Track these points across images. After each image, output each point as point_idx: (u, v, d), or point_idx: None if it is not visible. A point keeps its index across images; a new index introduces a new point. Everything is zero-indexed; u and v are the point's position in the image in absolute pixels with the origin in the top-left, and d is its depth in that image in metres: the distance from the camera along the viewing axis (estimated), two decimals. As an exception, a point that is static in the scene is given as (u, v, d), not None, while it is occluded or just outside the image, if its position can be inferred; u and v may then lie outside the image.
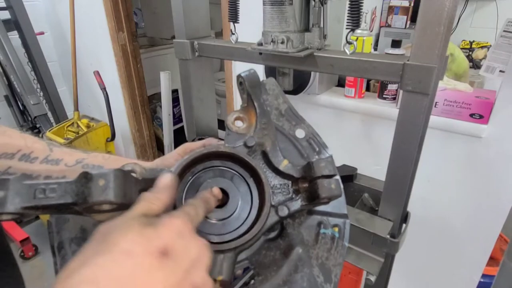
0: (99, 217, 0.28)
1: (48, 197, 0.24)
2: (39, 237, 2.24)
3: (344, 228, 0.36)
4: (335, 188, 0.32)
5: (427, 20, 0.56)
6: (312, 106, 1.32)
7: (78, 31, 2.15)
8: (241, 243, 0.29)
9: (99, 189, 0.24)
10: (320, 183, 0.32)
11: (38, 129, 2.23)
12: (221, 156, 0.33)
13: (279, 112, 0.40)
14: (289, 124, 0.40)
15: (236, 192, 0.32)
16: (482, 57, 1.92)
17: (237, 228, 0.31)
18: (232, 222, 0.31)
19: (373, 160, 1.08)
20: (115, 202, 0.24)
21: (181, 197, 0.32)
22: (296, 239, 0.34)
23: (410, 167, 0.68)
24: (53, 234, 0.31)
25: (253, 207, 0.32)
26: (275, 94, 0.41)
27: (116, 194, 0.24)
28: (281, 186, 0.35)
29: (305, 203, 0.33)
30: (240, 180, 0.33)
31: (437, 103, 1.06)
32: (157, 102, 3.03)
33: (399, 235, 0.74)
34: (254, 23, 0.93)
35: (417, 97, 0.61)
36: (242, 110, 0.40)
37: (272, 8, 0.73)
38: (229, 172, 0.33)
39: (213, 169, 0.33)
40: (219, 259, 0.29)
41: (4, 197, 0.23)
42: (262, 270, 0.33)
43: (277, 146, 0.37)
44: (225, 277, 0.28)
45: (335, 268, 0.34)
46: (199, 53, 0.93)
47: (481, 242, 1.13)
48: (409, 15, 2.15)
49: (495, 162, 1.03)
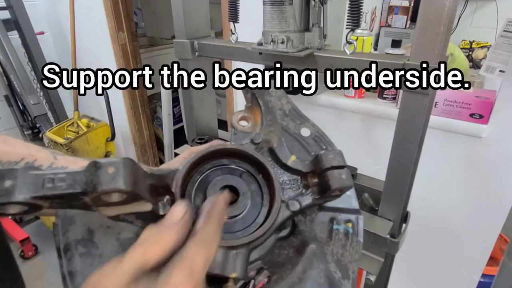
0: (108, 211, 0.26)
1: (57, 187, 0.23)
2: (39, 237, 2.24)
3: (358, 224, 0.36)
4: (346, 178, 0.31)
5: (427, 20, 0.56)
6: (312, 106, 1.32)
7: (78, 31, 2.15)
8: (254, 238, 0.29)
9: (108, 177, 0.23)
10: (330, 174, 0.31)
11: (38, 129, 2.23)
12: (228, 154, 0.33)
13: (283, 112, 0.41)
14: (294, 123, 0.40)
15: (246, 189, 0.32)
16: (482, 57, 1.92)
17: (249, 226, 0.31)
18: (243, 219, 0.31)
19: (373, 160, 1.08)
20: (125, 190, 0.23)
21: (190, 196, 0.31)
22: (309, 236, 0.34)
23: (410, 167, 0.68)
24: (59, 236, 0.31)
25: (263, 203, 0.32)
26: (278, 96, 0.41)
27: (125, 181, 0.23)
28: (290, 182, 0.34)
29: (317, 196, 0.33)
30: (249, 177, 0.33)
31: (437, 103, 1.06)
32: (157, 102, 3.03)
33: (399, 235, 0.74)
34: (254, 23, 0.93)
35: (417, 97, 0.61)
36: (246, 109, 0.40)
37: (272, 8, 0.73)
38: (237, 170, 0.33)
39: (221, 167, 0.33)
40: (232, 255, 0.28)
41: (12, 186, 0.22)
42: (276, 269, 0.32)
43: (284, 142, 0.37)
44: (239, 274, 0.27)
45: (351, 265, 0.33)
46: (199, 53, 0.93)
47: (481, 242, 1.13)
48: (409, 15, 2.15)
49: (495, 162, 1.03)
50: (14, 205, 0.23)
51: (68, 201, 0.25)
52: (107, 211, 0.26)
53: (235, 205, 0.31)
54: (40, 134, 2.24)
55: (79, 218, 0.31)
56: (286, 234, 0.35)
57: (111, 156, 2.31)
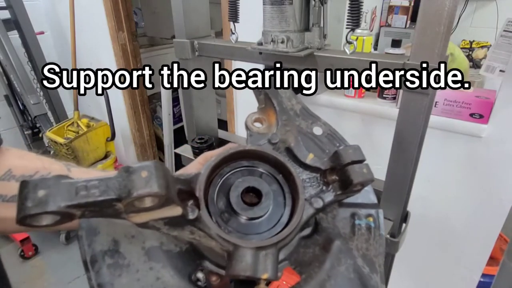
0: (138, 218, 0.26)
1: (91, 194, 0.23)
2: (39, 237, 2.24)
3: (378, 217, 0.36)
4: (367, 172, 0.31)
5: (427, 20, 0.56)
6: (312, 105, 1.32)
7: (78, 31, 2.15)
8: (282, 237, 0.28)
9: (142, 180, 0.23)
10: (351, 169, 0.31)
11: (38, 129, 2.23)
12: (248, 156, 0.33)
13: (294, 112, 0.41)
14: (305, 123, 0.41)
15: (268, 189, 0.31)
16: (482, 57, 1.92)
17: (274, 226, 0.30)
18: (268, 220, 0.30)
19: (373, 160, 1.07)
20: (160, 193, 0.23)
21: (213, 200, 0.31)
22: (333, 233, 0.34)
23: (410, 167, 0.68)
24: (84, 248, 0.30)
25: (286, 203, 0.32)
26: (288, 96, 0.42)
27: (160, 184, 0.23)
28: (310, 180, 0.34)
29: (338, 192, 0.33)
30: (270, 178, 0.32)
31: (437, 102, 1.06)
32: (157, 101, 3.03)
33: (399, 235, 0.74)
34: (254, 23, 0.93)
35: (417, 97, 0.61)
36: (260, 111, 0.41)
37: (272, 8, 0.73)
38: (257, 171, 0.33)
39: (241, 169, 0.32)
40: (262, 256, 0.27)
41: (46, 196, 0.22)
42: (304, 268, 0.32)
43: (300, 141, 0.37)
44: (271, 275, 0.27)
45: (377, 259, 0.33)
46: (199, 53, 0.93)
47: (481, 241, 1.13)
48: (409, 15, 2.15)
49: (495, 162, 1.03)
50: (47, 215, 0.22)
51: (101, 209, 0.24)
52: (137, 217, 0.26)
53: (258, 206, 0.31)
54: (40, 134, 2.24)
55: (103, 229, 0.31)
56: (309, 232, 0.35)
57: (111, 155, 2.31)
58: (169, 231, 0.28)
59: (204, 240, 0.29)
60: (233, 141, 1.15)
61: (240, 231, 0.30)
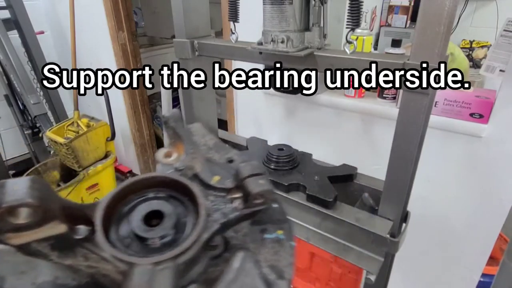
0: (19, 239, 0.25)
1: None
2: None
3: (289, 229, 0.37)
4: (264, 183, 0.32)
5: (427, 20, 0.56)
6: (312, 105, 1.32)
7: (78, 31, 2.15)
8: (179, 251, 0.28)
9: (13, 192, 0.23)
10: (249, 181, 0.33)
11: (38, 129, 2.23)
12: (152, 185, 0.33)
13: (207, 147, 0.43)
14: (218, 154, 0.43)
15: (171, 210, 0.31)
16: (482, 57, 1.92)
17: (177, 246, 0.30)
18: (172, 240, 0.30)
19: (373, 160, 1.08)
20: (32, 203, 0.23)
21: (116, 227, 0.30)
22: (241, 248, 0.34)
23: (410, 166, 0.68)
24: None
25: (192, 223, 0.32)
26: (202, 134, 0.44)
27: (32, 195, 0.23)
28: (216, 200, 0.35)
29: (241, 207, 0.34)
30: (175, 201, 0.33)
31: (437, 102, 1.06)
32: (157, 101, 3.03)
33: (399, 235, 0.74)
34: (254, 23, 0.93)
35: (417, 97, 0.61)
36: (169, 146, 0.43)
37: (272, 8, 0.73)
38: (163, 196, 0.33)
39: (147, 198, 0.32)
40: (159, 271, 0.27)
41: None
42: (209, 286, 0.32)
43: (207, 167, 0.38)
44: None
45: (287, 268, 0.34)
46: (199, 53, 0.93)
47: (481, 241, 1.13)
48: (409, 15, 2.15)
49: (495, 162, 1.04)
50: None
51: None
52: (17, 238, 0.24)
53: (160, 226, 0.30)
54: (40, 134, 2.25)
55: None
56: (220, 252, 0.35)
57: (111, 155, 2.31)
58: (60, 259, 0.27)
59: (102, 266, 0.28)
60: (233, 141, 1.15)
61: (142, 253, 0.29)
